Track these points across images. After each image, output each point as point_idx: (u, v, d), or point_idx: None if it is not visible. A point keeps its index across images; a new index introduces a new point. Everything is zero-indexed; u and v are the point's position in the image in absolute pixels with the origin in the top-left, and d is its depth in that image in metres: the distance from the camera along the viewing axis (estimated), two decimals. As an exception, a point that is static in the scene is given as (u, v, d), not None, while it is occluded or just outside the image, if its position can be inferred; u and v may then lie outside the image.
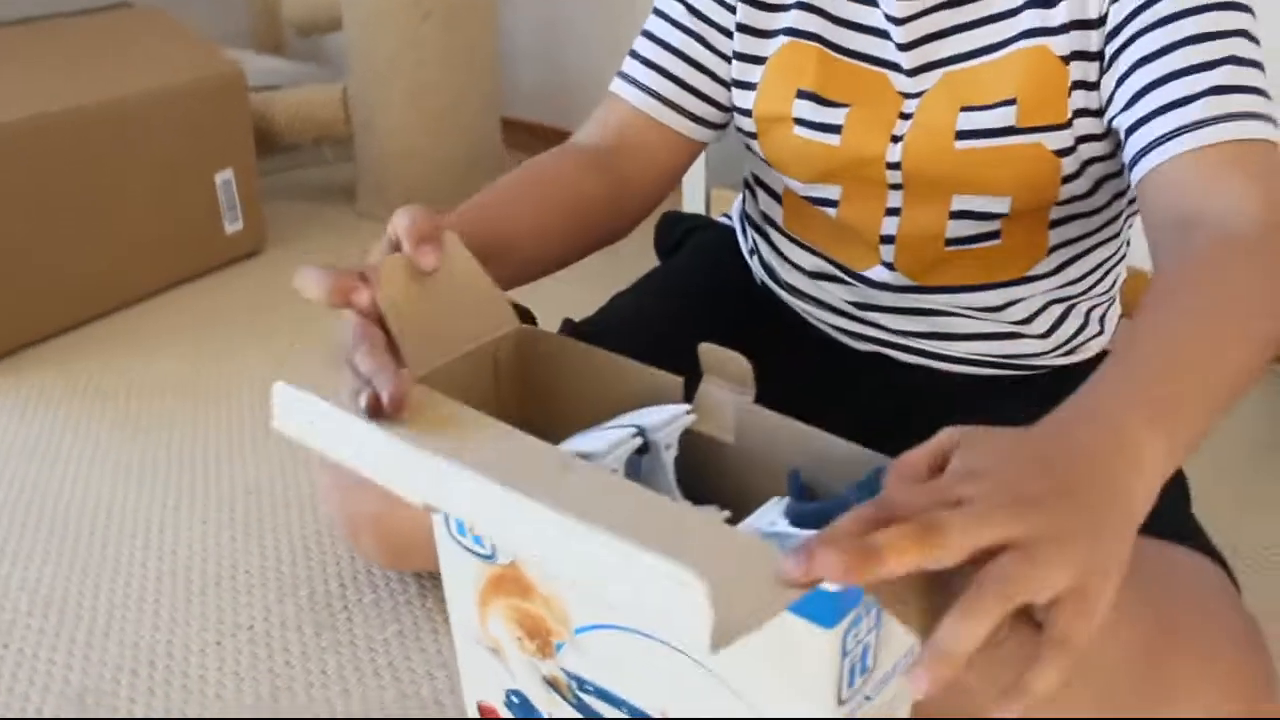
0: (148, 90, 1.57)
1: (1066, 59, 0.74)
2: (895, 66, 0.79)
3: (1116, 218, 0.85)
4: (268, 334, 1.51)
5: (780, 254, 0.93)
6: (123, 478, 1.15)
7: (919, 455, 0.45)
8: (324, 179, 2.21)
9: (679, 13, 0.86)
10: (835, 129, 0.80)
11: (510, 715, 0.75)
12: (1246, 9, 0.70)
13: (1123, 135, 0.73)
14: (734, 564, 0.44)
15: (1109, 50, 0.73)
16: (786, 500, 0.58)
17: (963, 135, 0.77)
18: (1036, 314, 0.87)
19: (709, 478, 0.52)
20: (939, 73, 0.77)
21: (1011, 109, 0.75)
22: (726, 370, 0.66)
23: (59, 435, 1.24)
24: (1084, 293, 0.89)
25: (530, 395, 0.74)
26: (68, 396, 1.33)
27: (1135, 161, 0.72)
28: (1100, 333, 0.93)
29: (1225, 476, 1.18)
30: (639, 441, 0.63)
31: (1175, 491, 0.82)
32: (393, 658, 0.88)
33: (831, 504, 0.55)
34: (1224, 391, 0.53)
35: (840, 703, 0.55)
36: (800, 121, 0.82)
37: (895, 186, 0.81)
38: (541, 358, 0.72)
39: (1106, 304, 0.92)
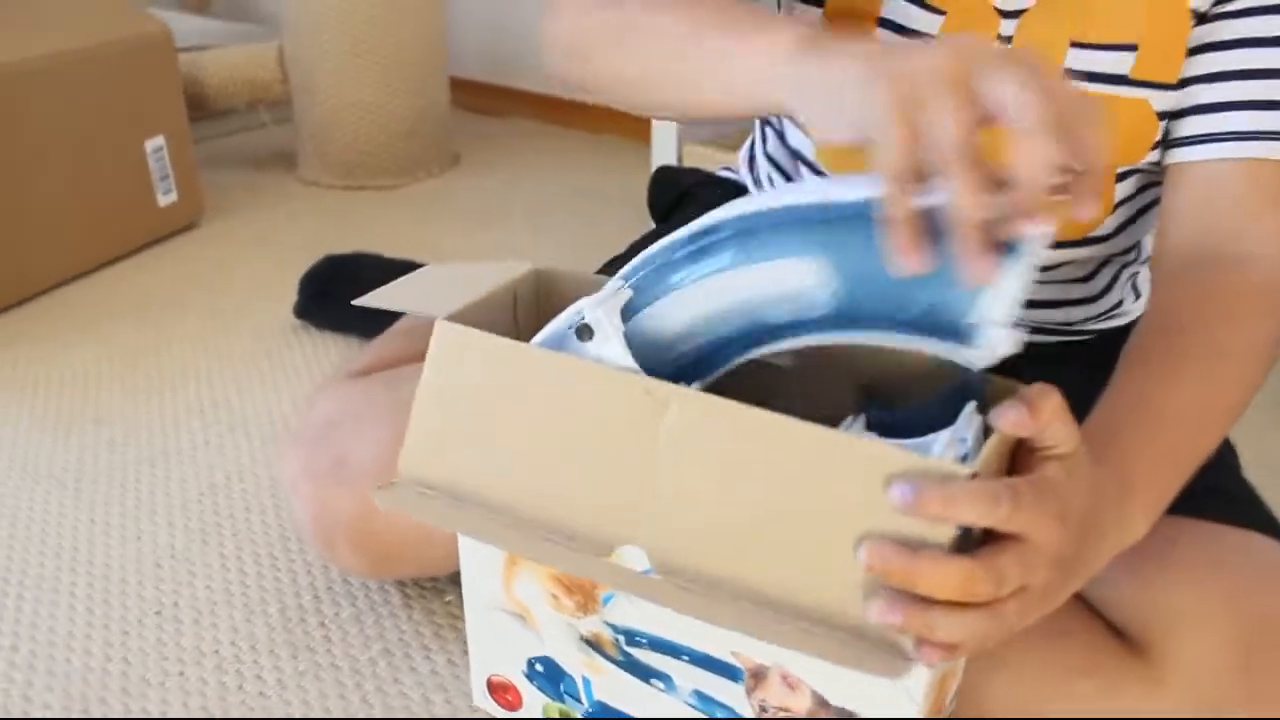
0: (67, 52, 1.42)
1: (1196, 14, 0.65)
2: None
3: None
4: (210, 314, 1.38)
5: None
6: (53, 486, 1.03)
7: (1033, 423, 0.48)
8: (261, 144, 2.07)
9: None
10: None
11: (531, 685, 0.70)
12: None
13: (1187, 104, 0.66)
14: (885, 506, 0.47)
15: (1215, 10, 0.64)
16: (862, 416, 0.57)
17: (1069, 75, 0.65)
18: (1090, 276, 0.79)
19: (773, 408, 0.52)
20: None
21: (1130, 55, 0.66)
22: None
23: (-17, 437, 1.11)
24: (1133, 259, 0.82)
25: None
26: (-9, 393, 1.20)
27: (1187, 141, 0.66)
28: (1138, 298, 0.86)
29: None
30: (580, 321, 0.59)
31: (1234, 468, 0.75)
32: (380, 681, 0.78)
33: (918, 408, 0.56)
34: (1219, 438, 0.60)
35: None
36: (886, 24, 0.70)
37: None
38: (559, 293, 0.69)
39: (1143, 269, 0.85)
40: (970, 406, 0.53)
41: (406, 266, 1.29)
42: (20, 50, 1.38)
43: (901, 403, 0.59)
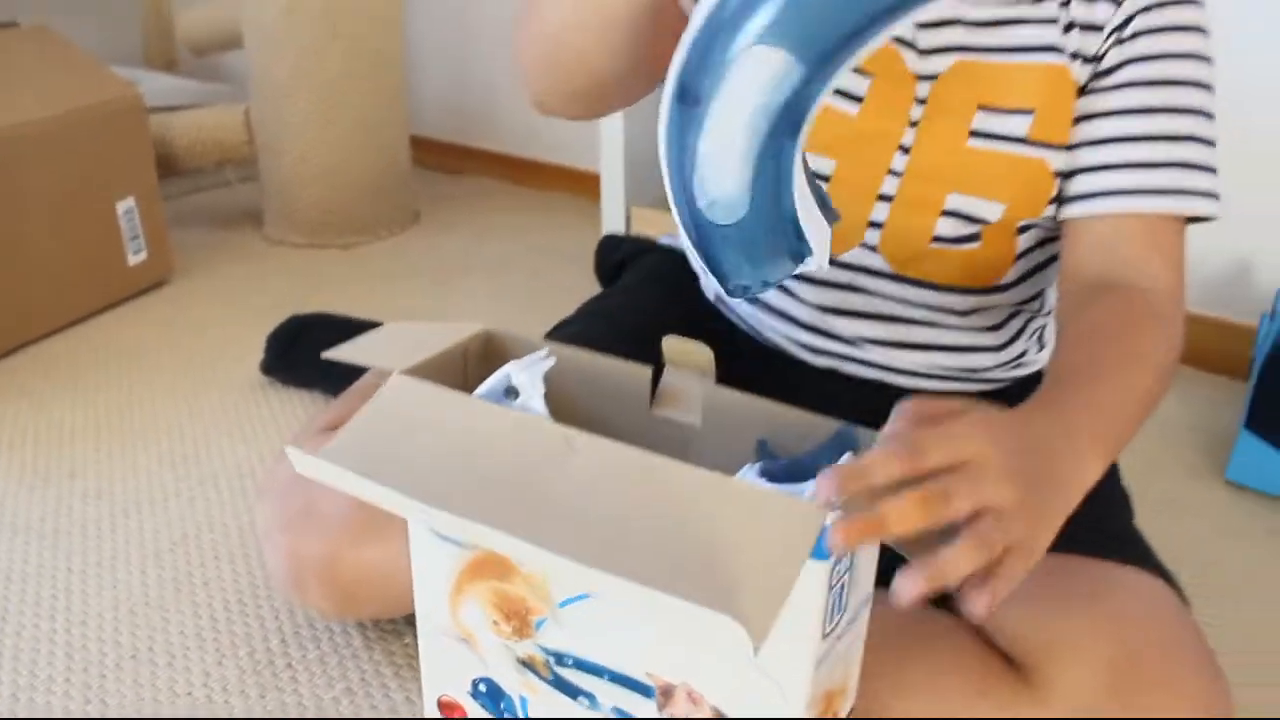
0: (41, 118, 1.49)
1: (1079, 88, 0.78)
2: (909, 44, 0.79)
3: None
4: (179, 370, 1.44)
5: None
6: (31, 537, 1.08)
7: (932, 407, 0.55)
8: (227, 203, 2.14)
9: None
10: (857, 99, 0.80)
11: (475, 704, 0.76)
12: (1213, 90, 0.77)
13: (1075, 165, 0.78)
14: (754, 531, 0.54)
15: (1092, 86, 0.77)
16: (758, 464, 0.64)
17: (976, 134, 0.78)
18: (999, 325, 0.89)
19: (683, 459, 0.59)
20: (952, 58, 0.78)
21: (1028, 119, 0.78)
22: (689, 359, 0.74)
23: (-38, 491, 1.16)
24: (1037, 309, 0.91)
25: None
26: (-32, 447, 1.25)
27: (1080, 197, 0.77)
28: (1041, 349, 0.95)
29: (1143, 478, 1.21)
30: (509, 384, 0.70)
31: (1123, 512, 0.85)
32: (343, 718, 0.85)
33: (803, 457, 0.63)
34: (1138, 427, 0.68)
35: (823, 636, 0.60)
36: None
37: (894, 173, 0.81)
38: (507, 353, 0.77)
39: (1048, 320, 0.94)
40: (846, 456, 0.61)
41: (369, 326, 1.36)
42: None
43: (790, 454, 0.67)
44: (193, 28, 2.14)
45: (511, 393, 0.69)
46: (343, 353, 0.75)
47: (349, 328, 1.37)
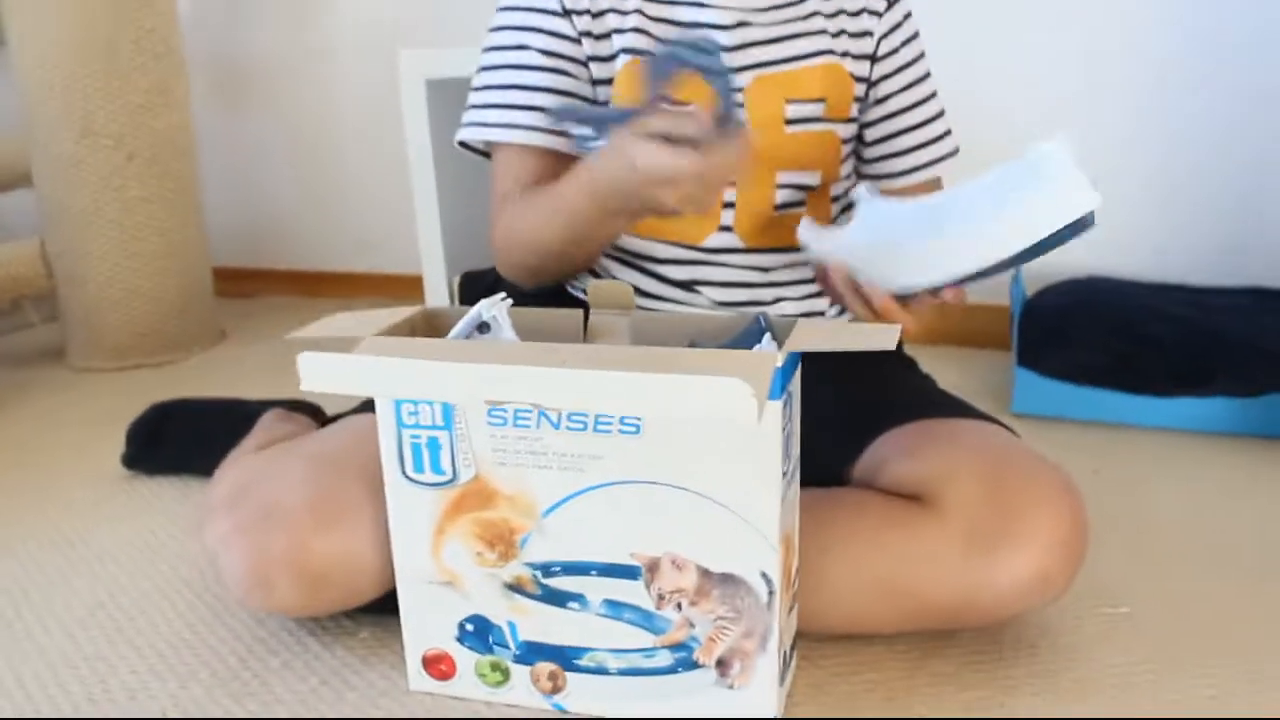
0: None
1: (854, 76, 1.03)
2: None
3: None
4: (26, 486, 1.42)
5: (613, 255, 1.07)
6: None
7: None
8: (29, 342, 2.10)
9: (537, 59, 0.99)
10: None
11: (463, 648, 0.83)
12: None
13: (879, 137, 1.08)
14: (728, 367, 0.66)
15: (881, 82, 1.07)
16: None
17: (791, 121, 0.99)
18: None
19: None
20: (752, 74, 0.99)
21: (821, 105, 1.01)
22: (612, 299, 0.86)
23: None
24: None
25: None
26: None
27: (902, 173, 1.09)
28: None
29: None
30: (480, 320, 0.83)
31: (949, 395, 1.05)
32: (329, 701, 0.89)
33: (729, 343, 0.79)
34: None
35: (781, 476, 0.73)
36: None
37: None
38: (443, 323, 0.89)
39: None
40: (766, 338, 0.77)
41: (231, 404, 1.40)
42: None
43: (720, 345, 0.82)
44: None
45: (484, 328, 0.79)
46: (309, 330, 0.84)
47: (211, 408, 1.40)
